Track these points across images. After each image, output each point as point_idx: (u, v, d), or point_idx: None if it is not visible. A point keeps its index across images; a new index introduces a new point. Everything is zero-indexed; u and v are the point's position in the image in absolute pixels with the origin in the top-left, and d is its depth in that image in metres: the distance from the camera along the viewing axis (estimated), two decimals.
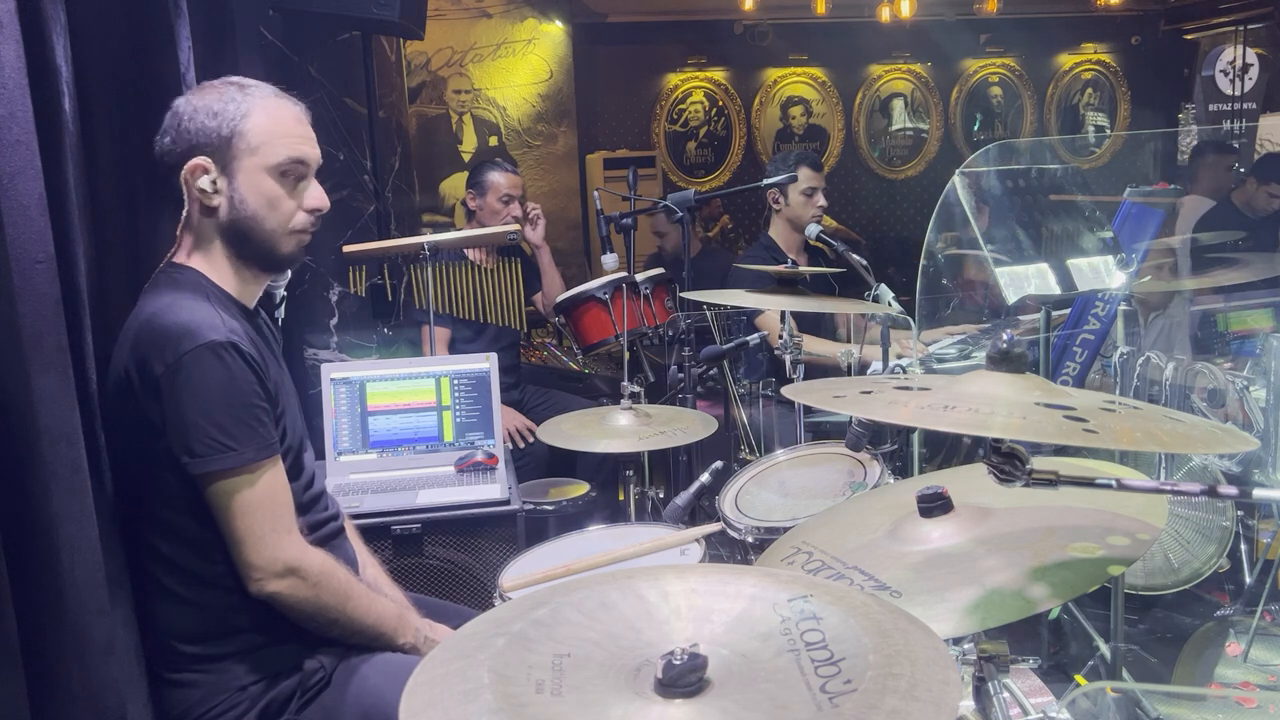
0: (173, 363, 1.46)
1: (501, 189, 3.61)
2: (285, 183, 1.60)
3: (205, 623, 1.57)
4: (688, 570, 1.03)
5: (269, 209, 1.59)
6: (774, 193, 3.56)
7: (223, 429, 1.49)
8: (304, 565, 1.56)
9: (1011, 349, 1.16)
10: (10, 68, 1.27)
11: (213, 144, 1.56)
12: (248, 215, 1.58)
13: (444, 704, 0.83)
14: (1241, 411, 2.49)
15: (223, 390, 1.49)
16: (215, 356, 1.48)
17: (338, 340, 3.39)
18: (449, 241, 3.13)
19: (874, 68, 7.03)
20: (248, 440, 1.51)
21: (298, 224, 1.63)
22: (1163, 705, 2.18)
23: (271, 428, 1.56)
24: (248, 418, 1.51)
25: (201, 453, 1.48)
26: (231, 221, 1.59)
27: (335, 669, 1.63)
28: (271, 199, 1.59)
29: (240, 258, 1.63)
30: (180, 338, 1.47)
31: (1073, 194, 2.68)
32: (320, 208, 1.65)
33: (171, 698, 1.57)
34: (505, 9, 6.04)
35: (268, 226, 1.60)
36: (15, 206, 1.27)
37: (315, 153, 1.65)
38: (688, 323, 3.00)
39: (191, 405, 1.48)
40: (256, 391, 1.54)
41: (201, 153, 1.56)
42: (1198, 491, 1.03)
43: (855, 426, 2.01)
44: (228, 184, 1.57)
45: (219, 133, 1.55)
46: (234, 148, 1.56)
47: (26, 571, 1.27)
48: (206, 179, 1.56)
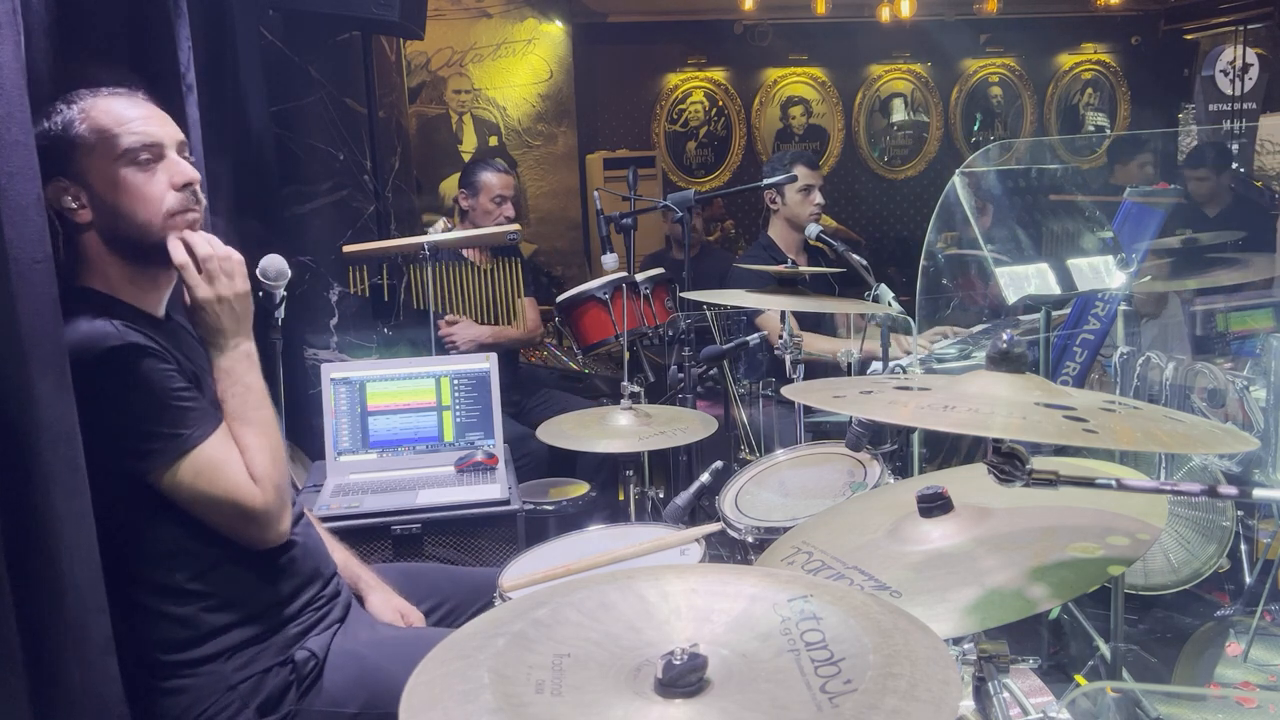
0: (82, 380, 1.41)
1: (494, 189, 3.61)
2: (141, 169, 1.53)
3: (183, 631, 1.56)
4: (688, 570, 1.03)
5: (134, 200, 1.53)
6: (770, 193, 3.56)
7: (157, 422, 1.47)
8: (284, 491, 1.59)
9: (1011, 349, 1.16)
10: (8, 68, 1.27)
11: (58, 162, 1.50)
12: (114, 215, 1.53)
13: (444, 704, 0.83)
14: (1241, 411, 2.49)
15: (140, 390, 1.47)
16: (120, 361, 1.45)
17: (338, 340, 3.39)
18: (448, 242, 3.13)
19: (874, 68, 7.03)
20: (184, 423, 1.49)
21: (172, 204, 1.55)
22: (1163, 705, 2.18)
23: (202, 400, 1.54)
24: (173, 402, 1.49)
25: (145, 453, 1.47)
26: (105, 228, 1.54)
27: (326, 654, 1.64)
28: (132, 189, 1.53)
29: (131, 263, 1.57)
30: (80, 354, 1.42)
31: (1073, 194, 2.68)
32: (190, 180, 1.57)
33: (164, 704, 1.56)
34: (505, 9, 6.04)
35: (140, 218, 1.54)
36: (14, 207, 1.27)
37: (166, 131, 1.57)
38: (688, 323, 3.00)
39: (117, 415, 1.46)
40: (171, 377, 1.51)
41: (53, 174, 1.50)
42: (1198, 491, 1.03)
43: (855, 426, 2.01)
44: (87, 193, 1.52)
45: (58, 149, 1.50)
46: (76, 156, 1.51)
47: (26, 570, 1.27)
48: (68, 198, 1.52)
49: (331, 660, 1.64)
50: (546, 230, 6.29)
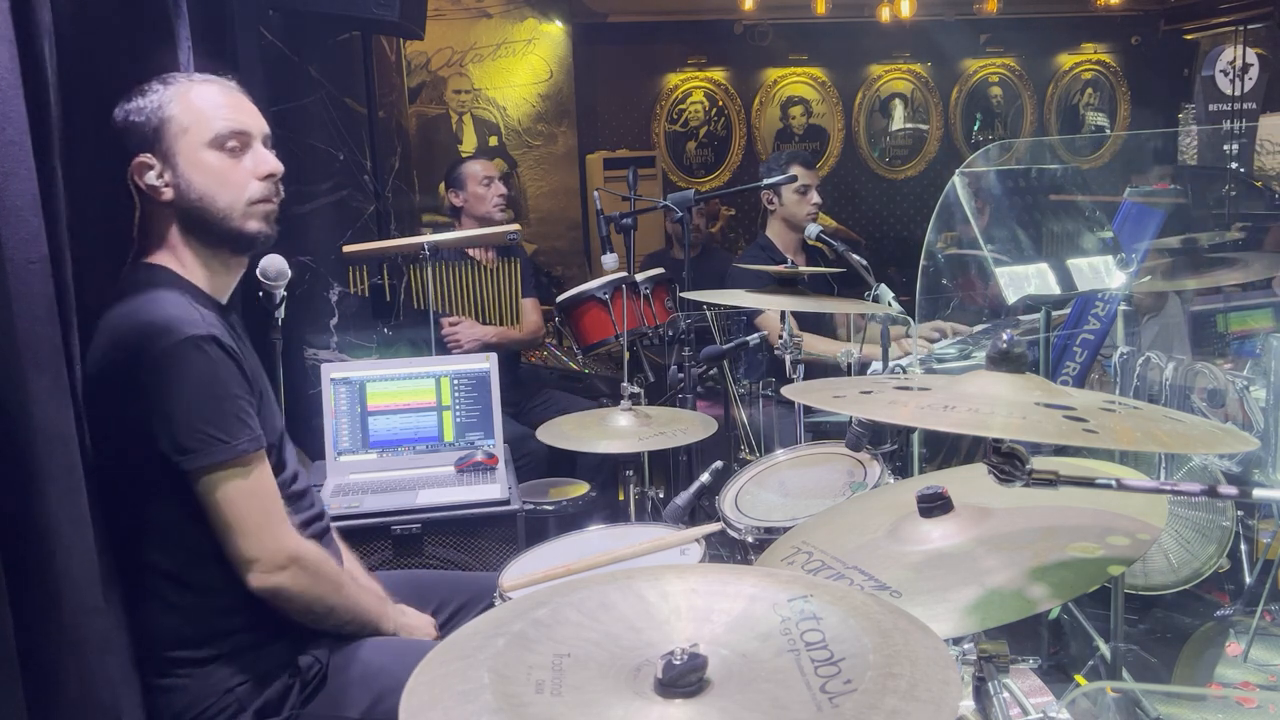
0: (154, 360, 1.45)
1: (478, 175, 3.63)
2: (229, 155, 1.58)
3: (191, 626, 1.56)
4: (688, 570, 1.03)
5: (218, 185, 1.57)
6: (768, 193, 3.55)
7: (211, 423, 1.48)
8: (303, 555, 1.57)
9: (1011, 349, 1.16)
10: (3, 68, 1.26)
11: (147, 138, 1.55)
12: (197, 197, 1.57)
13: (444, 704, 0.83)
14: (1241, 411, 2.49)
15: (209, 384, 1.48)
16: (197, 350, 1.47)
17: (338, 340, 3.38)
18: (449, 241, 3.13)
19: (874, 68, 7.02)
20: (237, 432, 1.50)
21: (254, 194, 1.60)
22: (1163, 705, 2.18)
23: (258, 420, 1.56)
24: (235, 410, 1.51)
25: (193, 448, 1.47)
26: (185, 209, 1.58)
27: (329, 661, 1.63)
28: (218, 174, 1.57)
29: (206, 246, 1.61)
30: (159, 334, 1.46)
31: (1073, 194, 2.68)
32: (274, 171, 1.62)
33: (159, 703, 1.56)
34: (505, 9, 6.04)
35: (221, 203, 1.58)
36: (9, 207, 1.26)
37: (255, 122, 1.64)
38: (688, 323, 3.00)
39: (178, 401, 1.46)
40: (241, 384, 1.53)
41: (140, 150, 1.56)
42: (1198, 491, 1.03)
43: (855, 426, 2.01)
44: (171, 172, 1.56)
45: (149, 125, 1.55)
46: (167, 135, 1.56)
47: (23, 571, 1.27)
48: (151, 174, 1.56)
49: (335, 664, 1.63)
50: (546, 230, 6.28)
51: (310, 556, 1.58)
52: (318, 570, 1.59)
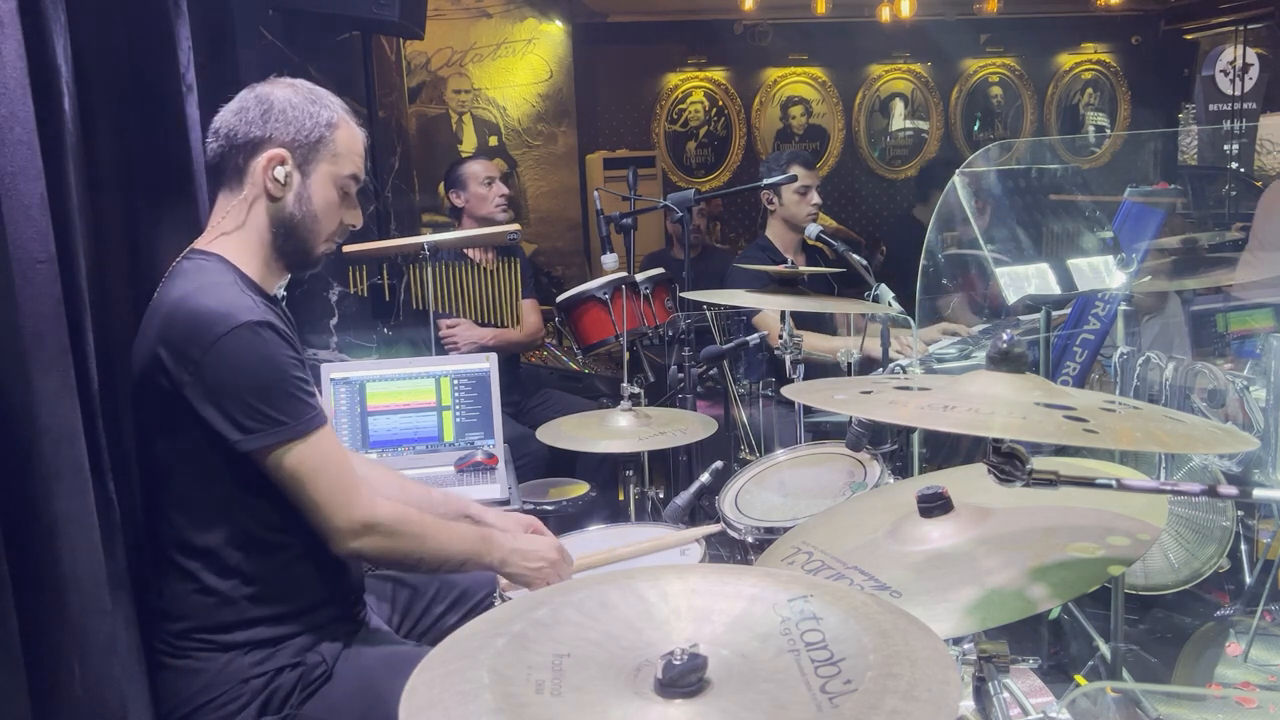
0: (212, 345, 1.49)
1: (479, 174, 3.62)
2: (343, 195, 1.70)
3: (222, 612, 1.58)
4: (688, 570, 1.03)
5: (327, 214, 1.69)
6: (767, 193, 3.55)
7: (272, 404, 1.52)
8: (378, 519, 1.60)
9: (1011, 349, 1.16)
10: (11, 67, 1.26)
11: (299, 141, 1.63)
12: (308, 214, 1.66)
13: (444, 704, 0.83)
14: (1241, 411, 2.49)
15: (267, 367, 1.53)
16: (254, 335, 1.52)
17: (337, 340, 3.38)
18: (449, 241, 3.13)
19: (874, 68, 7.02)
20: (299, 412, 1.55)
21: (338, 234, 1.73)
22: (1163, 705, 2.18)
23: (316, 398, 1.61)
24: (295, 390, 1.55)
25: (255, 429, 1.51)
26: (290, 215, 1.65)
27: (337, 661, 1.64)
28: (332, 206, 1.69)
29: (276, 249, 1.68)
30: (216, 320, 1.50)
31: (1073, 194, 2.68)
32: (356, 225, 1.76)
33: (171, 685, 1.57)
34: (505, 9, 6.04)
35: (319, 229, 1.69)
36: (17, 206, 1.26)
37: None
38: (688, 323, 3.00)
39: (238, 384, 1.50)
40: (297, 365, 1.57)
41: (284, 145, 1.62)
42: (1198, 491, 1.03)
43: (855, 426, 2.01)
44: (301, 181, 1.65)
45: (310, 133, 1.64)
46: (319, 151, 1.65)
47: (28, 571, 1.27)
48: (282, 170, 1.62)
49: (338, 669, 1.64)
50: (546, 230, 6.28)
51: (386, 520, 1.61)
52: (394, 530, 1.62)
